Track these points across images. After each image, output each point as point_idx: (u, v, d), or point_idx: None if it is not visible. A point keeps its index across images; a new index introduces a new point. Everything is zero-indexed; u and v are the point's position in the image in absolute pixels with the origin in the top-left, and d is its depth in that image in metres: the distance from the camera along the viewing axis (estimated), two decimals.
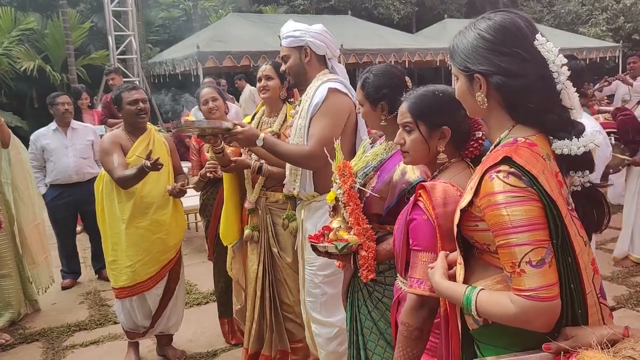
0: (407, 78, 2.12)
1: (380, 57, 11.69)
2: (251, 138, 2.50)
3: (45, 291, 4.56)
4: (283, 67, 2.69)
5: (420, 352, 1.61)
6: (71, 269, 5.04)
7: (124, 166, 3.14)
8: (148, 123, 3.35)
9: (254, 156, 2.96)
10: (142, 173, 3.03)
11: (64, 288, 4.94)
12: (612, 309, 3.97)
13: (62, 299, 4.73)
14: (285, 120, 2.96)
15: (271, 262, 3.04)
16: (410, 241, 1.60)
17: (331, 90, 2.50)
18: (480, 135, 1.65)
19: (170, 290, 3.43)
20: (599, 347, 1.15)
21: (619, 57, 15.20)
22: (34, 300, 4.47)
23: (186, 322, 4.04)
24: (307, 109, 2.54)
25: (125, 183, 3.11)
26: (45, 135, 4.82)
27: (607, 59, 15.91)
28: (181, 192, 3.23)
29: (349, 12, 14.95)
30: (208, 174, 3.31)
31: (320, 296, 2.63)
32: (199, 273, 5.00)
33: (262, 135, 2.50)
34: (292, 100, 3.08)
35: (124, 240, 3.21)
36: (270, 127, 3.00)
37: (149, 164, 2.92)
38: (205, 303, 4.45)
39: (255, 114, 3.21)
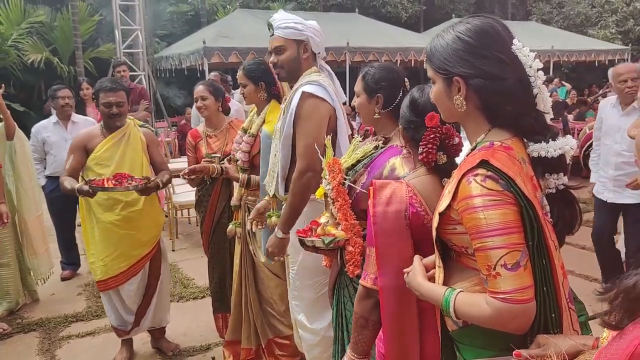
0: (406, 79, 2.13)
1: (386, 55, 11.66)
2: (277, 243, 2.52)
3: (45, 282, 4.62)
4: (274, 59, 2.52)
5: (366, 339, 1.68)
6: (70, 260, 5.09)
7: (73, 171, 3.19)
8: (128, 118, 3.36)
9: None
10: (70, 191, 3.08)
11: (63, 279, 5.00)
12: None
13: (61, 290, 4.79)
14: (264, 121, 2.97)
15: (249, 258, 3.08)
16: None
17: (305, 96, 2.39)
18: (420, 150, 1.65)
19: (152, 286, 3.45)
20: (555, 357, 1.15)
21: (627, 60, 15.07)
22: (33, 290, 4.53)
23: (182, 315, 4.09)
24: (286, 110, 2.50)
25: (62, 189, 3.17)
26: (46, 127, 4.87)
27: (616, 61, 15.78)
28: (147, 190, 3.12)
29: (357, 9, 14.93)
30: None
31: (302, 300, 2.63)
32: (196, 267, 5.05)
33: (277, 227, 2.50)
34: (276, 94, 3.07)
35: (97, 234, 3.26)
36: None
37: (82, 190, 2.98)
38: (202, 297, 4.49)
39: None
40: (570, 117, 9.69)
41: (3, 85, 4.35)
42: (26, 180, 4.43)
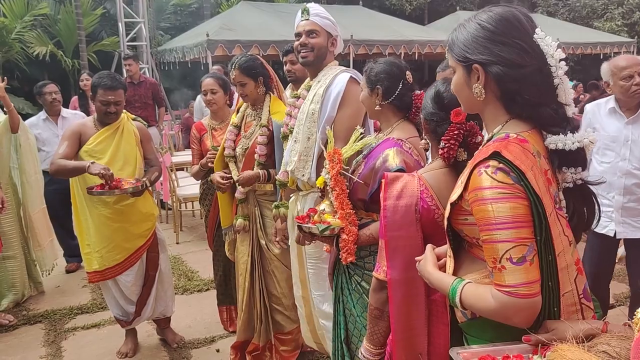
0: (408, 73, 2.15)
1: (390, 48, 11.61)
2: None
3: (49, 274, 4.64)
4: (304, 40, 2.55)
5: (382, 330, 1.72)
6: (70, 253, 5.09)
7: (66, 156, 3.14)
8: (123, 112, 3.35)
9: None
10: (78, 171, 3.06)
11: (68, 271, 5.03)
12: (612, 306, 3.95)
13: (66, 282, 4.82)
14: (270, 113, 2.98)
15: (260, 253, 3.08)
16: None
17: (352, 80, 2.50)
18: (442, 145, 1.65)
19: (151, 277, 3.47)
20: (574, 341, 1.16)
21: (633, 52, 14.96)
22: (39, 282, 4.56)
23: (186, 308, 4.11)
24: (322, 94, 2.52)
25: (56, 170, 3.12)
26: (36, 125, 4.84)
27: (622, 54, 15.70)
28: (139, 192, 3.16)
29: (361, 2, 14.84)
30: (209, 164, 3.35)
31: (328, 289, 2.63)
32: (200, 260, 5.07)
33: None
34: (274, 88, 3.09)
35: (91, 227, 3.27)
36: (253, 119, 3.06)
37: (94, 170, 2.94)
38: (206, 290, 4.51)
39: (238, 108, 3.22)
40: (575, 110, 9.61)
41: (6, 78, 4.33)
42: (31, 173, 4.42)
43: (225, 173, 3.12)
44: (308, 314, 2.80)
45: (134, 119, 3.45)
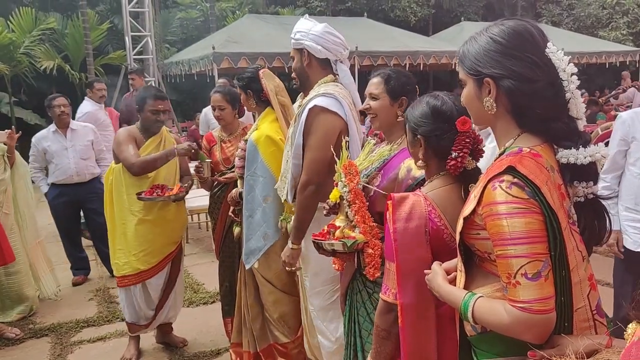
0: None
1: (395, 59, 11.64)
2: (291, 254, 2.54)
3: (56, 295, 4.68)
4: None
5: (388, 351, 1.68)
6: (80, 265, 5.10)
7: (138, 157, 3.31)
8: None
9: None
10: (167, 157, 3.28)
11: (74, 284, 5.03)
12: (635, 307, 3.86)
13: (72, 295, 4.82)
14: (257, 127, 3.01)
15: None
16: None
17: (316, 110, 2.39)
18: (455, 155, 1.61)
19: (172, 281, 3.59)
20: (574, 357, 1.14)
21: (639, 61, 14.94)
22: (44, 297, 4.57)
23: (192, 320, 4.10)
24: (296, 119, 2.52)
25: (143, 167, 3.27)
26: (46, 137, 4.87)
27: (627, 63, 15.65)
28: (180, 198, 3.41)
29: (365, 14, 14.92)
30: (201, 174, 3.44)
31: (314, 306, 2.64)
32: (206, 272, 5.05)
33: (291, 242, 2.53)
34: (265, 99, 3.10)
35: (131, 231, 3.36)
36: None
37: (181, 150, 3.28)
38: (212, 302, 4.49)
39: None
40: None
41: (20, 132, 4.36)
42: (24, 210, 4.41)
43: None
44: (310, 326, 2.78)
45: (169, 132, 3.61)
